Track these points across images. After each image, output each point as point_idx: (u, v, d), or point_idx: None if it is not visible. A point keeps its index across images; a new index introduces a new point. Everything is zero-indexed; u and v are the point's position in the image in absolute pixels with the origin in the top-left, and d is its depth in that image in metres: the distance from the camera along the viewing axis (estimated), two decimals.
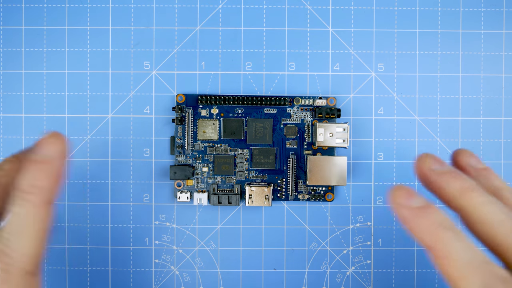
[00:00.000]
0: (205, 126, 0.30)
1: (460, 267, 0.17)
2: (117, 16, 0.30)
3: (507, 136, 0.30)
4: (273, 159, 0.30)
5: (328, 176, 0.29)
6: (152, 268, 0.30)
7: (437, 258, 0.17)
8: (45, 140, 0.19)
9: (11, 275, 0.17)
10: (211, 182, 0.30)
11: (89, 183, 0.30)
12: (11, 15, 0.30)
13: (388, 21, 0.30)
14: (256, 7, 0.30)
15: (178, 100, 0.30)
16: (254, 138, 0.30)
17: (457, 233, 0.17)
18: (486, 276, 0.16)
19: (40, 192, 0.18)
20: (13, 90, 0.30)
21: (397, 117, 0.30)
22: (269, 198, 0.29)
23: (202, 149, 0.30)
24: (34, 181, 0.18)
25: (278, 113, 0.30)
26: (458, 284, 0.17)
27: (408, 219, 0.18)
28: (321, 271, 0.30)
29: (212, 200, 0.29)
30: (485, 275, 0.16)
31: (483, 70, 0.30)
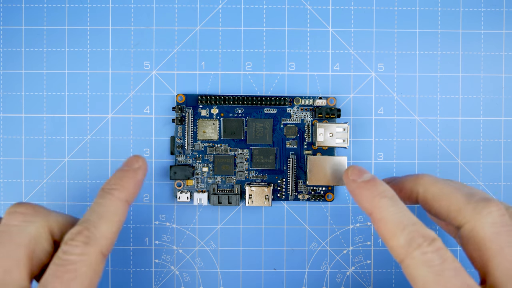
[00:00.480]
0: (205, 126, 0.30)
1: (391, 227, 0.20)
2: (117, 16, 0.30)
3: (507, 136, 0.30)
4: (273, 159, 0.30)
5: (328, 177, 0.29)
6: (152, 268, 0.30)
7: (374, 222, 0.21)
8: (131, 158, 0.24)
9: (90, 248, 0.20)
10: (211, 182, 0.30)
11: (89, 183, 0.30)
12: (11, 15, 0.30)
13: (388, 21, 0.30)
14: (256, 7, 0.30)
15: (178, 100, 0.30)
16: (254, 138, 0.30)
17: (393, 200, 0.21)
18: (410, 234, 0.20)
19: (122, 189, 0.22)
20: (13, 90, 0.30)
21: (397, 117, 0.30)
22: (269, 198, 0.29)
23: (202, 149, 0.30)
24: (119, 180, 0.22)
25: (278, 113, 0.30)
26: (389, 241, 0.20)
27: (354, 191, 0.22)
28: (321, 271, 0.30)
29: (212, 200, 0.29)
30: (410, 233, 0.20)
31: (483, 70, 0.30)
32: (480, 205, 0.20)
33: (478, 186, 0.30)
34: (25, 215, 0.21)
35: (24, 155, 0.30)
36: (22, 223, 0.20)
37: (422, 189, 0.23)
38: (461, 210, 0.21)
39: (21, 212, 0.21)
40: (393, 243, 0.20)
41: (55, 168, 0.30)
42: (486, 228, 0.20)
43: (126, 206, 0.22)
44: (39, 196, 0.30)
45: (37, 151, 0.30)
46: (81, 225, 0.20)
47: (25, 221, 0.20)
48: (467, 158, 0.30)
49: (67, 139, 0.30)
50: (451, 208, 0.21)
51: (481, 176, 0.30)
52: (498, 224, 0.20)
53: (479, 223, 0.20)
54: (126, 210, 0.22)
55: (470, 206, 0.21)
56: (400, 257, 0.20)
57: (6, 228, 0.20)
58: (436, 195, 0.22)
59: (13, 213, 0.21)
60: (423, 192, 0.23)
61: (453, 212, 0.21)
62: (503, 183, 0.30)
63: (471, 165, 0.30)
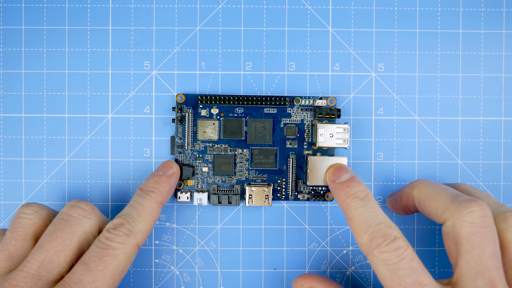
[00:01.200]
0: (205, 126, 0.30)
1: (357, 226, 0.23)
2: (117, 16, 0.30)
3: (507, 136, 0.30)
4: (273, 159, 0.30)
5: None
6: (152, 268, 0.30)
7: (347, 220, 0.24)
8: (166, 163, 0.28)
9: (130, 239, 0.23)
10: (211, 182, 0.30)
11: (89, 183, 0.30)
12: (11, 15, 0.30)
13: (388, 21, 0.30)
14: (256, 7, 0.30)
15: (178, 100, 0.30)
16: (254, 138, 0.30)
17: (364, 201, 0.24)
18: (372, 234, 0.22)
19: (159, 193, 0.26)
20: (13, 90, 0.30)
21: (397, 117, 0.30)
22: (269, 198, 0.29)
23: (202, 149, 0.30)
24: (156, 184, 0.26)
25: (278, 113, 0.30)
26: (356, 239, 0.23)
27: (332, 191, 0.26)
28: (321, 271, 0.30)
29: (212, 200, 0.29)
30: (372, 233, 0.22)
31: (483, 70, 0.30)
32: (463, 204, 0.22)
33: (478, 186, 0.30)
34: (85, 211, 0.24)
35: (24, 155, 0.30)
36: (80, 217, 0.24)
37: (416, 191, 0.25)
38: (446, 208, 0.23)
39: (82, 207, 0.24)
40: (359, 240, 0.23)
41: (55, 168, 0.30)
42: (464, 226, 0.21)
43: (160, 208, 0.26)
44: (39, 196, 0.30)
45: (37, 151, 0.30)
46: (123, 218, 0.24)
47: (83, 216, 0.24)
48: (467, 158, 0.30)
49: (67, 139, 0.30)
50: (438, 207, 0.23)
51: (481, 176, 0.30)
52: (477, 224, 0.21)
53: (458, 221, 0.22)
54: (159, 211, 0.26)
55: (454, 204, 0.22)
56: (364, 254, 0.23)
57: (66, 217, 0.24)
58: (427, 195, 0.24)
59: (75, 207, 0.24)
60: (417, 194, 0.25)
61: (439, 210, 0.23)
62: (503, 183, 0.30)
63: (471, 165, 0.30)
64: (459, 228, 0.22)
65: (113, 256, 0.22)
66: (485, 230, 0.21)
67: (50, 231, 0.23)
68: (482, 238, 0.21)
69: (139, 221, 0.24)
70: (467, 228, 0.21)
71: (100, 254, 0.22)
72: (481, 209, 0.21)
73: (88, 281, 0.22)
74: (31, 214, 0.25)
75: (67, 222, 0.24)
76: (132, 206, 0.25)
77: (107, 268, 0.22)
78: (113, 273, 0.22)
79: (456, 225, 0.22)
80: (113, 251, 0.23)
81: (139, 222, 0.24)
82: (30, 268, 0.22)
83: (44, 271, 0.22)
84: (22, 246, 0.24)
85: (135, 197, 0.26)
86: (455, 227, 0.22)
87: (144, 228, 0.24)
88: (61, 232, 0.23)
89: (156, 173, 0.27)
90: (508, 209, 0.23)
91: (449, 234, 0.22)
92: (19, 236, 0.24)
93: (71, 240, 0.23)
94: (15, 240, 0.24)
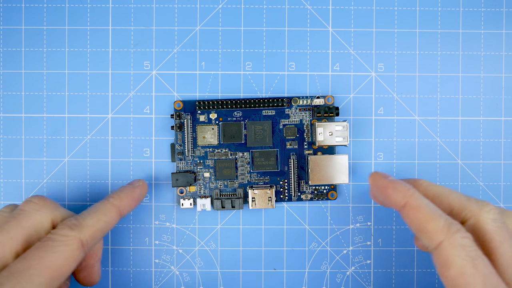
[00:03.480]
0: (205, 132, 0.30)
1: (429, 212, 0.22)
2: (117, 16, 0.30)
3: (507, 136, 0.30)
4: (274, 160, 0.30)
5: (330, 175, 0.29)
6: (152, 268, 0.30)
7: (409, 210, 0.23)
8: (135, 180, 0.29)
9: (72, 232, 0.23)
10: (214, 187, 0.30)
11: (89, 183, 0.30)
12: (11, 15, 0.30)
13: (388, 21, 0.30)
14: (256, 7, 0.30)
15: (176, 107, 0.30)
16: (254, 140, 0.30)
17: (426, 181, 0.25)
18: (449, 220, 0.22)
19: (117, 198, 0.26)
20: (13, 90, 0.30)
21: (397, 117, 0.30)
22: (272, 200, 0.29)
23: (203, 155, 0.30)
24: (117, 191, 0.27)
25: (276, 115, 0.30)
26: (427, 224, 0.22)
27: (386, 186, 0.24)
28: (321, 271, 0.30)
29: (215, 205, 0.29)
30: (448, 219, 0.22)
31: (483, 70, 0.30)
32: (481, 203, 0.23)
33: (478, 186, 0.30)
34: (35, 204, 0.24)
35: (24, 155, 0.30)
36: (31, 210, 0.24)
37: (422, 189, 0.25)
38: (464, 206, 0.23)
39: (33, 201, 0.24)
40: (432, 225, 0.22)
41: (55, 168, 0.30)
42: (489, 223, 0.22)
43: (116, 212, 0.26)
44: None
45: (37, 151, 0.30)
46: (73, 216, 0.24)
47: (33, 209, 0.24)
48: (467, 158, 0.30)
49: (67, 139, 0.30)
50: (453, 205, 0.24)
51: (481, 176, 0.30)
52: (498, 220, 0.22)
53: (482, 218, 0.22)
54: (116, 215, 0.26)
55: (472, 203, 0.23)
56: (438, 239, 0.21)
57: (18, 211, 0.24)
58: (437, 194, 0.24)
59: (27, 201, 0.24)
60: (423, 192, 0.25)
61: (456, 209, 0.23)
62: (503, 183, 0.30)
63: (471, 165, 0.30)
64: (485, 225, 0.22)
65: (51, 247, 0.22)
66: (505, 225, 0.22)
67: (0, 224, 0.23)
68: (506, 232, 0.22)
69: (88, 218, 0.24)
70: (492, 224, 0.22)
71: (39, 245, 0.22)
72: (495, 207, 0.23)
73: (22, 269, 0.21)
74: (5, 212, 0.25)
75: (16, 215, 0.24)
76: (88, 208, 0.25)
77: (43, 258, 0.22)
78: (50, 264, 0.22)
79: (481, 222, 0.22)
80: (53, 242, 0.22)
81: (87, 219, 0.24)
82: None
83: None
84: None
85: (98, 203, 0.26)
86: (480, 224, 0.22)
87: (92, 224, 0.24)
88: (7, 225, 0.23)
89: (125, 185, 0.28)
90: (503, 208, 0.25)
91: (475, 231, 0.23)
92: None
93: (16, 232, 0.23)
94: None
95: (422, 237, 0.22)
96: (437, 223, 0.22)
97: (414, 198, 0.23)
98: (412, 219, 0.23)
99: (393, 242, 0.30)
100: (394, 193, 0.24)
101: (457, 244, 0.21)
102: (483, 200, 0.23)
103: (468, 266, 0.20)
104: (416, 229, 0.23)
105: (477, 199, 0.23)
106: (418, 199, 0.23)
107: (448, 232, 0.21)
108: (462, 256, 0.21)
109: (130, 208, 0.27)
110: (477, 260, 0.20)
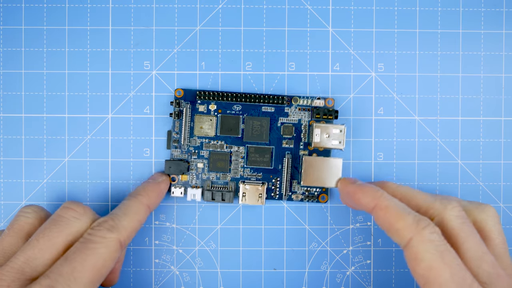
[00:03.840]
0: (202, 122, 0.30)
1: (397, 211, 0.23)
2: (117, 16, 0.30)
3: (507, 136, 0.30)
4: (269, 157, 0.30)
5: (323, 177, 0.28)
6: (152, 268, 0.30)
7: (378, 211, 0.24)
8: (156, 173, 0.29)
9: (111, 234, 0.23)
10: (206, 178, 0.30)
11: (89, 183, 0.30)
12: (11, 15, 0.30)
13: (388, 21, 0.30)
14: (256, 7, 0.30)
15: (177, 95, 0.30)
16: (250, 136, 0.30)
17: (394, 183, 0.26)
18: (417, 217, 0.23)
19: (146, 195, 0.27)
20: (13, 90, 0.30)
21: (397, 117, 0.30)
22: (262, 197, 0.29)
23: (198, 145, 0.30)
24: (143, 189, 0.27)
25: (275, 112, 0.30)
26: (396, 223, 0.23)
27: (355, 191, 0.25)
28: (321, 271, 0.30)
29: (205, 196, 0.29)
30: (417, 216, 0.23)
31: (483, 70, 0.30)
32: (445, 201, 0.24)
33: (478, 186, 0.30)
34: (75, 212, 0.25)
35: (24, 155, 0.30)
36: (70, 218, 0.24)
37: (390, 191, 0.26)
38: (430, 206, 0.24)
39: (73, 208, 0.25)
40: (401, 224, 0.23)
41: (55, 168, 0.30)
42: (453, 220, 0.23)
43: (147, 209, 0.26)
44: (39, 196, 0.30)
45: (37, 151, 0.30)
46: (108, 216, 0.25)
47: (73, 217, 0.24)
48: (467, 158, 0.30)
49: (67, 139, 0.30)
50: (420, 205, 0.25)
51: (481, 176, 0.30)
52: (461, 216, 0.23)
53: (447, 216, 0.23)
54: (146, 213, 0.26)
55: (437, 202, 0.24)
56: (408, 236, 0.22)
57: (57, 217, 0.24)
58: (405, 195, 0.25)
59: (66, 208, 0.25)
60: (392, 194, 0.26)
61: (423, 208, 0.25)
62: (503, 183, 0.30)
63: (471, 165, 0.30)
64: (449, 222, 0.23)
65: (92, 249, 0.23)
66: (469, 221, 0.23)
67: (40, 229, 0.24)
68: (470, 227, 0.23)
69: (123, 219, 0.25)
70: (456, 221, 0.23)
71: (81, 247, 0.23)
72: (458, 205, 0.24)
73: (66, 272, 0.22)
74: (30, 214, 0.25)
75: (56, 222, 0.24)
76: (119, 207, 0.26)
77: (86, 260, 0.22)
78: (93, 266, 0.22)
79: (445, 220, 0.23)
80: (94, 244, 0.23)
81: (123, 220, 0.25)
82: (15, 263, 0.22)
83: (28, 267, 0.22)
84: (15, 243, 0.24)
85: (123, 200, 0.26)
86: (445, 222, 0.23)
87: (128, 225, 0.25)
88: (49, 231, 0.23)
89: (146, 180, 0.29)
90: (478, 202, 0.26)
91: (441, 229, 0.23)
92: (14, 233, 0.24)
93: (58, 239, 0.23)
94: (10, 236, 0.24)
95: (393, 237, 0.23)
96: (406, 220, 0.23)
97: (383, 199, 0.24)
98: (382, 219, 0.24)
99: (393, 242, 0.30)
100: (363, 197, 0.25)
101: (425, 239, 0.22)
102: (448, 198, 0.24)
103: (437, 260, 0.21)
104: (387, 229, 0.23)
105: (442, 198, 0.24)
106: (387, 200, 0.24)
107: (417, 228, 0.22)
108: (431, 251, 0.21)
109: (157, 204, 0.28)
110: (445, 254, 0.21)
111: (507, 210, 0.31)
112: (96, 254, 0.23)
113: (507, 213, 0.31)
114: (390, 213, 0.23)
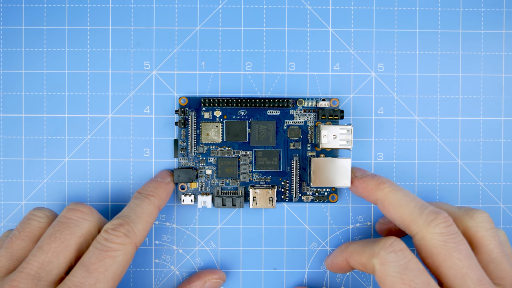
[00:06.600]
0: (209, 129, 0.30)
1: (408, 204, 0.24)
2: (117, 16, 0.30)
3: (507, 136, 0.30)
4: (277, 161, 0.30)
5: (332, 178, 0.28)
6: (152, 268, 0.30)
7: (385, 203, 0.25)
8: (164, 171, 0.29)
9: (129, 240, 0.23)
10: (215, 184, 0.30)
11: (89, 183, 0.30)
12: (11, 15, 0.30)
13: (388, 21, 0.30)
14: (256, 7, 0.30)
15: (181, 103, 0.30)
16: (257, 140, 0.30)
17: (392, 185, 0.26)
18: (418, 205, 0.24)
19: (157, 197, 0.27)
20: (13, 90, 0.30)
21: (397, 117, 0.30)
22: (273, 200, 0.29)
23: (206, 152, 0.30)
24: (155, 189, 0.27)
25: (281, 115, 0.30)
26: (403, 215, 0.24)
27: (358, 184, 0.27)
28: (321, 271, 0.30)
29: (216, 203, 0.29)
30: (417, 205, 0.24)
31: (483, 70, 0.30)
32: (430, 217, 0.23)
33: (478, 186, 0.30)
34: (83, 213, 0.24)
35: (24, 155, 0.30)
36: (79, 219, 0.24)
37: (381, 195, 0.26)
38: (414, 220, 0.24)
39: (80, 210, 0.25)
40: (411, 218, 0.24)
41: (55, 168, 0.30)
42: (435, 237, 0.23)
43: (157, 212, 0.27)
44: (39, 196, 0.30)
45: (37, 151, 0.30)
46: (122, 219, 0.24)
47: (82, 218, 0.24)
48: (467, 158, 0.30)
49: (67, 139, 0.30)
50: (405, 217, 0.24)
51: (481, 176, 0.30)
52: (445, 233, 0.23)
53: (428, 234, 0.23)
54: (157, 215, 0.27)
55: (422, 218, 0.24)
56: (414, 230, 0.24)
57: (65, 220, 0.24)
58: (393, 203, 0.25)
59: (73, 210, 0.25)
60: (382, 198, 0.26)
61: (406, 221, 0.24)
62: (503, 183, 0.30)
63: (471, 165, 0.30)
64: (431, 240, 0.23)
65: (112, 258, 0.23)
66: (454, 235, 0.23)
67: (50, 233, 0.24)
68: (454, 242, 0.22)
69: (138, 222, 0.24)
70: (438, 238, 0.23)
71: (100, 256, 0.22)
72: (445, 220, 0.23)
73: (90, 284, 0.22)
74: (42, 218, 0.25)
75: (66, 224, 0.24)
76: (131, 208, 0.25)
77: (107, 270, 0.22)
78: (114, 275, 0.22)
79: (427, 238, 0.23)
80: (113, 252, 0.23)
81: (138, 223, 0.24)
82: (30, 269, 0.22)
83: (44, 272, 0.22)
84: (25, 247, 0.24)
85: (133, 199, 0.26)
86: (427, 239, 0.23)
87: (143, 229, 0.25)
88: (60, 234, 0.23)
89: (155, 179, 0.28)
90: (469, 208, 0.25)
91: (421, 246, 0.23)
92: (26, 237, 0.24)
93: (70, 242, 0.23)
94: (21, 239, 0.24)
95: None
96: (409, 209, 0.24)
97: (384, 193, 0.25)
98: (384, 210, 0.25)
99: None
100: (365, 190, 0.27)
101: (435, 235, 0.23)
102: (437, 213, 0.23)
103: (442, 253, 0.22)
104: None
105: (430, 212, 0.24)
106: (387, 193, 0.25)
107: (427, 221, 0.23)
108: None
109: (165, 203, 0.28)
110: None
111: (507, 210, 0.31)
112: (116, 262, 0.23)
113: (507, 213, 0.31)
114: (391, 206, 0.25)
